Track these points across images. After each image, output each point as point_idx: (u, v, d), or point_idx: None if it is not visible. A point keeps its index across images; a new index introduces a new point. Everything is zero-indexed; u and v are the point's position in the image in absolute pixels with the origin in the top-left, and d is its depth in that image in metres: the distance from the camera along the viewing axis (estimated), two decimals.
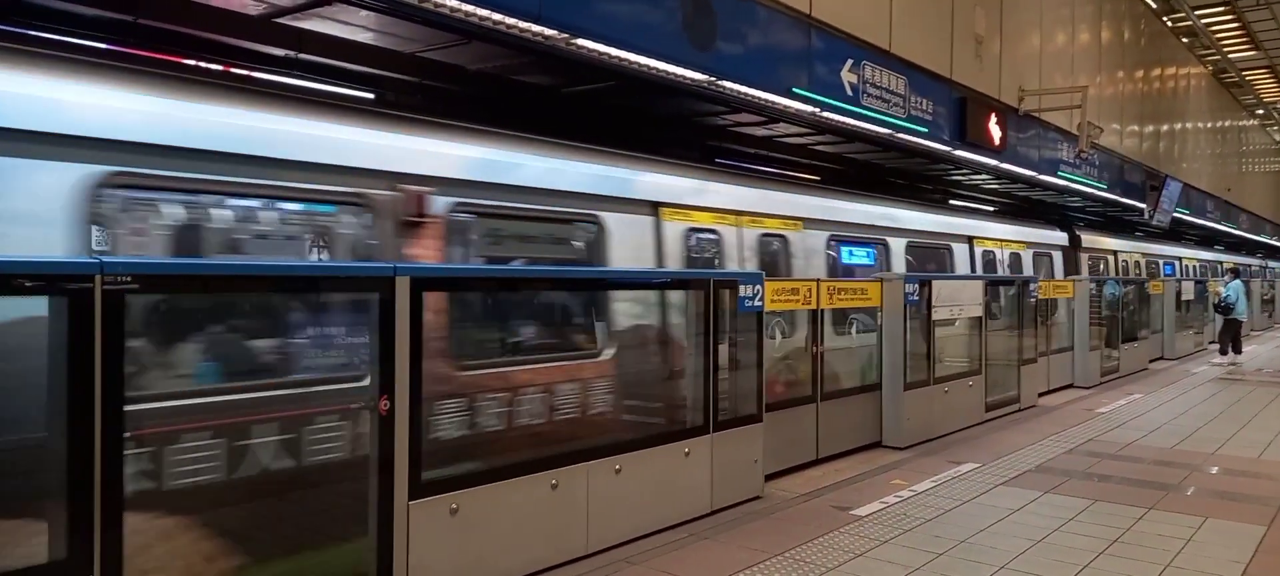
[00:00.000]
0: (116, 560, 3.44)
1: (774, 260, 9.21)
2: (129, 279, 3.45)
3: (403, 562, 4.46)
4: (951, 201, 15.95)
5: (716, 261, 8.53)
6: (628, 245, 7.34)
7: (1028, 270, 15.31)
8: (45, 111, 4.39)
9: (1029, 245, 15.70)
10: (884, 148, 11.02)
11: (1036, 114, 14.21)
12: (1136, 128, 20.67)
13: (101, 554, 3.39)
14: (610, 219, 7.21)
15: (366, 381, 4.54)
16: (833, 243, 10.25)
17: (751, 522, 6.23)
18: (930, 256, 12.70)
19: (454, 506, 4.73)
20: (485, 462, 5.18)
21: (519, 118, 7.39)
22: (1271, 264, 39.30)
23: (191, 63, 5.83)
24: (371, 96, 6.79)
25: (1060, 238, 17.57)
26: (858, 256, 10.94)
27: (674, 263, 7.85)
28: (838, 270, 10.29)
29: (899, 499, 6.84)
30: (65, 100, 4.46)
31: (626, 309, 7.14)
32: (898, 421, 8.91)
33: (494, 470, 5.08)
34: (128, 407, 3.47)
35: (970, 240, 13.47)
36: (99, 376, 3.36)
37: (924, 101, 10.68)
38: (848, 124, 9.49)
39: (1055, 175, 15.26)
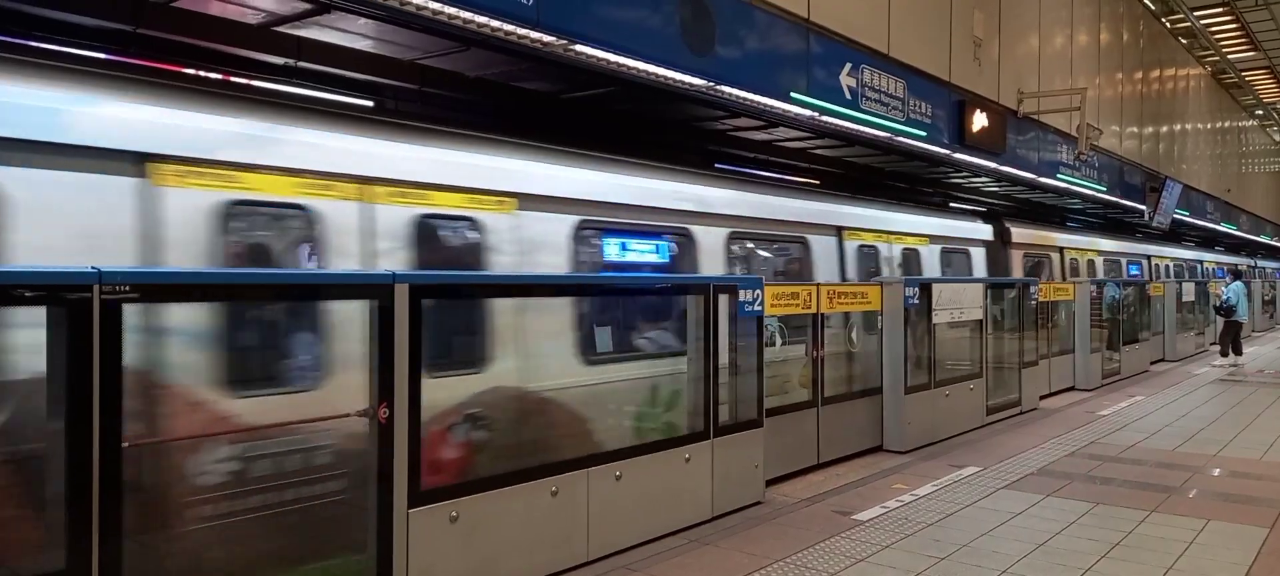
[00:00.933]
0: (115, 570, 3.43)
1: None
2: (127, 288, 3.45)
3: (403, 570, 4.45)
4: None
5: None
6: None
7: (932, 271, 12.26)
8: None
9: (934, 240, 12.54)
10: (883, 151, 11.02)
11: (1036, 116, 14.22)
12: (1136, 129, 20.67)
13: (99, 564, 3.39)
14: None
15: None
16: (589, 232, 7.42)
17: (753, 528, 6.22)
18: (773, 252, 9.92)
19: (454, 514, 4.72)
20: (485, 470, 5.18)
21: (519, 124, 7.40)
22: (1263, 264, 36.99)
23: (192, 72, 5.84)
24: (371, 104, 6.80)
25: (982, 231, 14.30)
26: (636, 251, 7.86)
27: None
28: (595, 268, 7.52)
29: (901, 503, 6.83)
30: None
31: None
32: (899, 425, 8.90)
33: (494, 477, 5.07)
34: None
35: (839, 232, 10.41)
36: (98, 384, 3.36)
37: (923, 104, 10.68)
38: (847, 128, 9.49)
39: (1055, 177, 15.26)
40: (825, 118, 9.00)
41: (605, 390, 6.59)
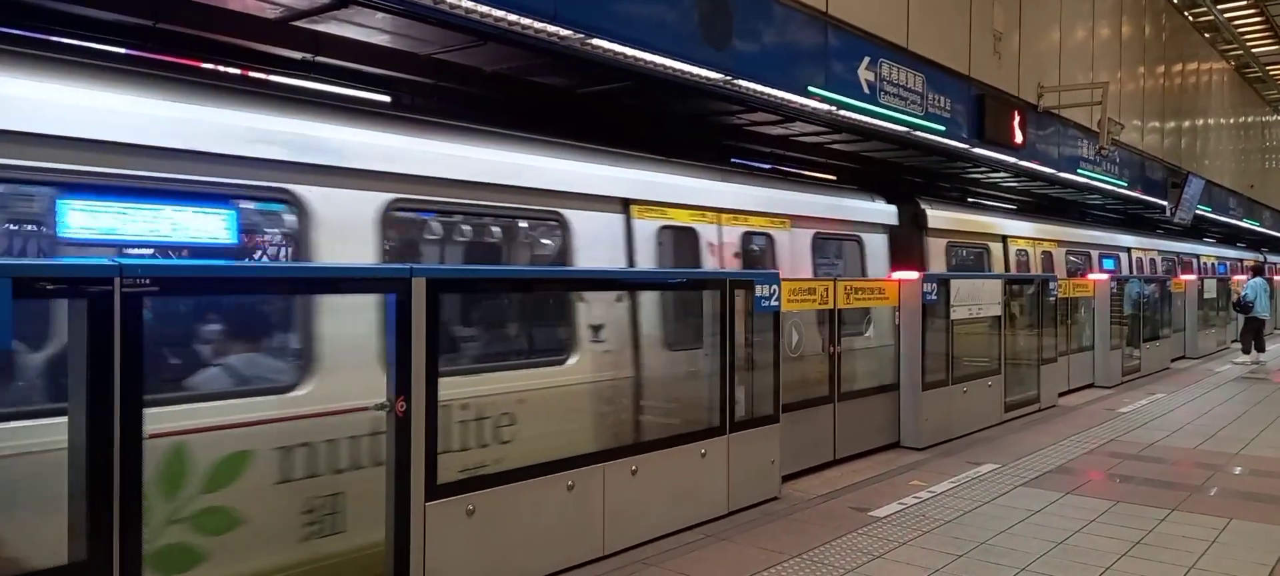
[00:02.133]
0: (136, 561, 3.46)
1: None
2: (147, 281, 3.48)
3: (419, 563, 4.47)
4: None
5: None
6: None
7: (790, 265, 8.90)
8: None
9: (796, 222, 9.07)
10: (901, 146, 10.94)
11: (1056, 111, 14.07)
12: (1158, 124, 20.43)
13: (120, 555, 3.41)
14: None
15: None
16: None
17: (769, 523, 6.20)
18: (501, 236, 7.01)
19: (471, 507, 4.73)
20: (502, 464, 5.19)
21: (536, 119, 7.39)
22: (1273, 258, 32.14)
23: (210, 67, 5.87)
24: (387, 99, 6.81)
25: (883, 214, 10.60)
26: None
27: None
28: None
29: (918, 500, 6.79)
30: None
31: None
32: (916, 421, 8.86)
33: (510, 471, 5.08)
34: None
35: (626, 207, 7.18)
36: (119, 376, 3.39)
37: (942, 99, 10.60)
38: (865, 122, 9.43)
39: (1075, 172, 15.11)
40: (843, 112, 8.95)
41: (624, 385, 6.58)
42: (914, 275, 9.08)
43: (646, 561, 5.42)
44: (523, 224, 7.03)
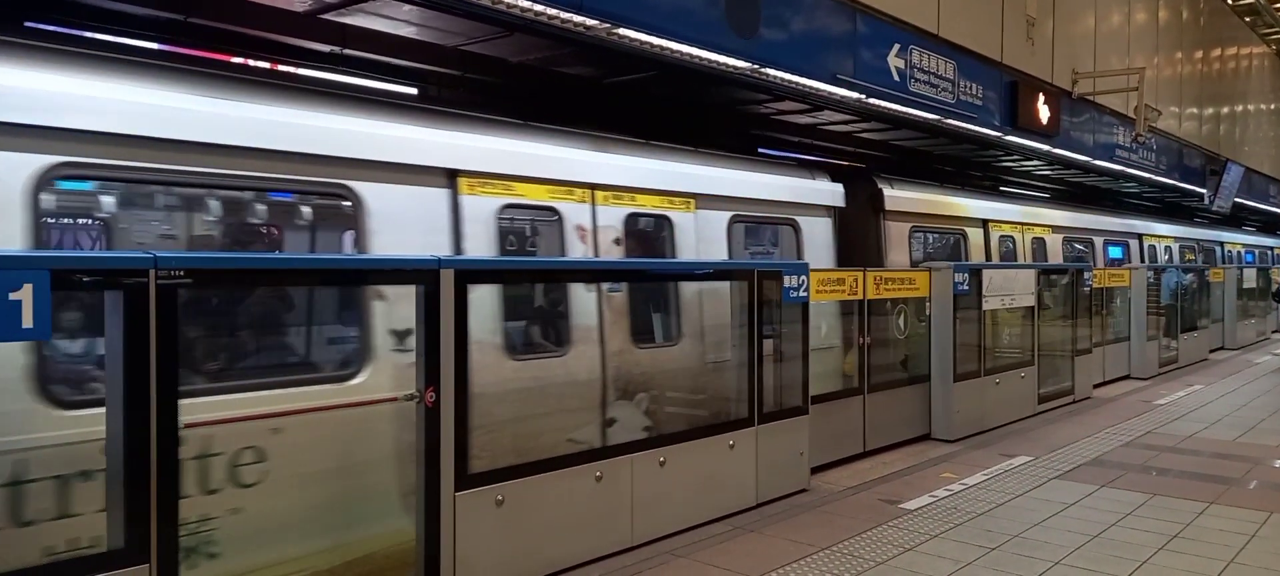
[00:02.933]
0: (172, 549, 3.51)
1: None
2: (182, 273, 3.52)
3: (449, 552, 4.50)
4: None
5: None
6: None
7: (695, 256, 7.37)
8: None
9: (703, 202, 7.50)
10: (932, 134, 10.80)
11: (1091, 97, 13.82)
12: (1196, 110, 19.98)
13: (158, 543, 3.47)
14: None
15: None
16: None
17: (798, 516, 6.17)
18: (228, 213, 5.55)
19: (499, 497, 4.75)
20: (530, 454, 5.20)
21: (562, 110, 7.38)
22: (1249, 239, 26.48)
23: (239, 61, 5.92)
24: (415, 91, 6.84)
25: (825, 194, 8.99)
26: None
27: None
28: None
29: (949, 492, 6.72)
30: None
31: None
32: (947, 413, 8.77)
33: (539, 462, 5.09)
34: None
35: (453, 179, 5.78)
36: (154, 367, 3.43)
37: (973, 86, 10.44)
38: (895, 110, 9.32)
39: (1111, 160, 14.84)
40: (872, 100, 8.85)
41: (650, 375, 6.57)
42: (946, 265, 8.96)
43: (675, 552, 5.41)
44: (281, 199, 5.70)
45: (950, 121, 10.19)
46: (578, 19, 5.89)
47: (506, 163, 6.07)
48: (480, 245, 5.82)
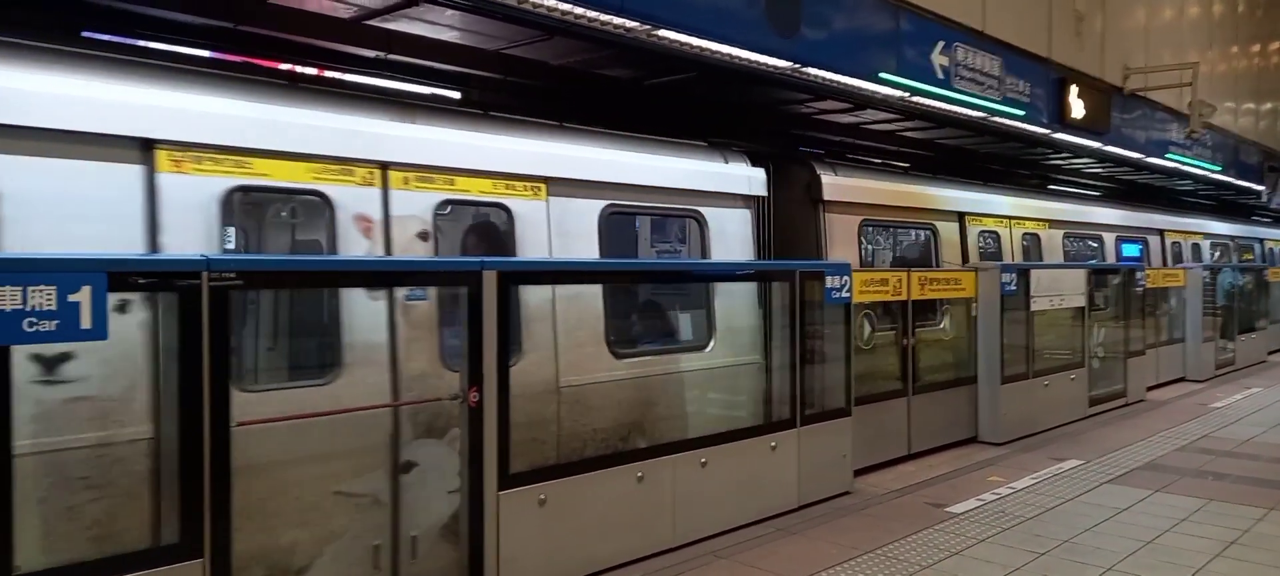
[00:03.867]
0: (225, 544, 3.59)
1: None
2: (233, 275, 3.60)
3: (493, 551, 4.53)
4: None
5: None
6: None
7: (548, 245, 6.04)
8: None
9: (557, 188, 6.12)
10: (977, 132, 10.63)
11: (1143, 93, 13.48)
12: (1253, 105, 19.38)
13: (211, 538, 3.55)
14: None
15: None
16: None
17: (841, 518, 6.11)
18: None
19: (542, 497, 4.78)
20: (572, 455, 5.23)
21: (602, 111, 7.40)
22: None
23: (286, 67, 6.04)
24: (458, 95, 6.91)
25: (740, 180, 7.46)
26: None
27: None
28: None
29: (996, 496, 6.61)
30: None
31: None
32: (994, 416, 8.64)
33: (580, 462, 5.12)
34: None
35: (149, 151, 4.41)
36: (207, 366, 3.52)
37: (1020, 83, 10.25)
38: (938, 108, 9.19)
39: (1164, 157, 14.46)
40: (916, 98, 8.74)
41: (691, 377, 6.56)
42: (993, 265, 8.82)
43: (717, 553, 5.39)
44: None
45: (996, 119, 10.02)
46: (618, 21, 5.91)
47: (246, 133, 4.69)
48: (192, 240, 4.41)
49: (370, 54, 6.21)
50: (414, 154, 5.34)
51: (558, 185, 6.08)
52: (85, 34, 5.07)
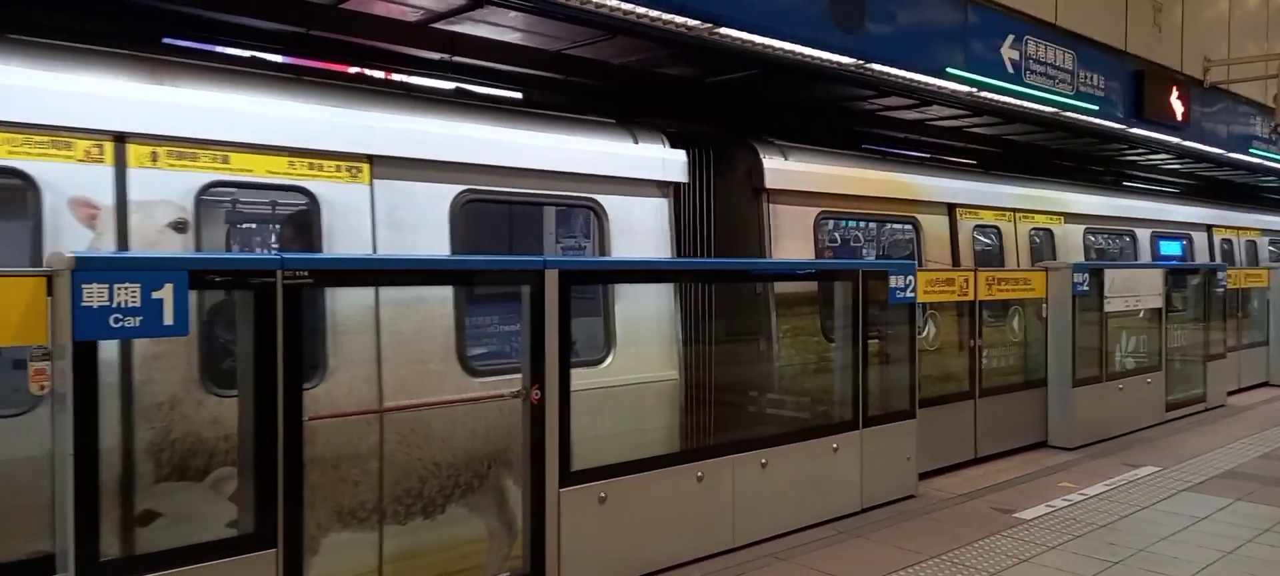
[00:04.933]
0: (297, 534, 3.70)
1: None
2: (305, 274, 3.71)
3: (555, 548, 4.58)
4: None
5: None
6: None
7: (372, 239, 4.89)
8: None
9: (392, 169, 4.99)
10: (1048, 128, 10.34)
11: (1224, 86, 12.94)
12: None
13: (284, 528, 3.66)
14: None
15: None
16: None
17: (906, 522, 6.02)
18: None
19: (603, 494, 4.81)
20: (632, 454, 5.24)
21: (661, 110, 7.41)
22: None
23: (355, 71, 6.19)
24: (520, 96, 6.99)
25: (652, 164, 6.34)
26: None
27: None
28: None
29: (1068, 502, 6.43)
30: None
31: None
32: (1066, 420, 8.42)
33: (640, 461, 5.13)
34: None
35: None
36: (281, 361, 3.63)
37: (1095, 77, 9.93)
38: (1008, 104, 8.96)
39: (1247, 153, 13.86)
40: (985, 94, 8.53)
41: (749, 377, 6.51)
42: (1064, 264, 8.57)
43: (778, 555, 5.35)
44: None
45: (1069, 114, 9.73)
46: (679, 20, 5.90)
47: None
48: None
49: (434, 56, 6.32)
50: (166, 123, 4.24)
51: (387, 166, 4.93)
52: (166, 41, 5.27)
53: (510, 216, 7.16)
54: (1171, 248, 13.09)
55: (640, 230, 6.16)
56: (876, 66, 7.32)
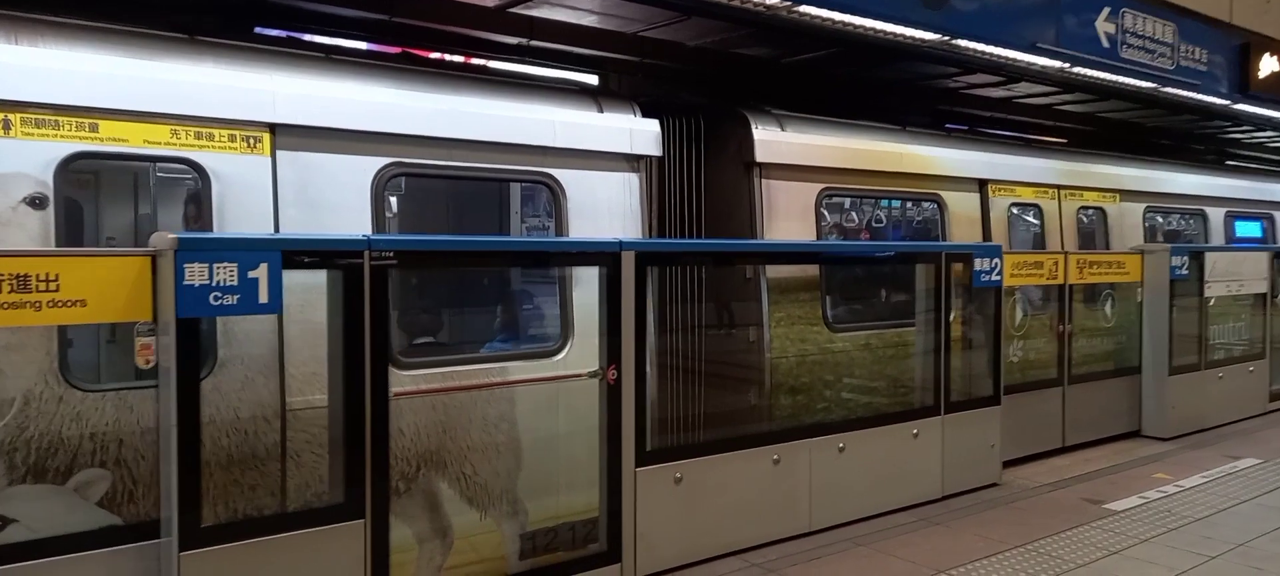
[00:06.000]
0: (383, 507, 3.83)
1: None
2: (391, 255, 3.81)
3: (631, 527, 4.62)
4: None
5: None
6: None
7: (273, 218, 4.27)
8: None
9: (285, 138, 4.34)
10: (1145, 104, 9.87)
11: None
12: None
13: (372, 501, 3.79)
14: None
15: None
16: None
17: (988, 510, 5.88)
18: None
19: (678, 475, 4.83)
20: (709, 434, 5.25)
21: (738, 91, 7.34)
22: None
23: (436, 56, 6.31)
24: (595, 81, 7.02)
25: (618, 134, 5.58)
26: None
27: None
28: None
29: (1162, 494, 6.18)
30: None
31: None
32: (1160, 409, 8.08)
33: (716, 442, 5.13)
34: None
35: None
36: (368, 339, 3.75)
37: (1197, 50, 9.42)
38: (1103, 80, 8.58)
39: None
40: (1077, 70, 8.18)
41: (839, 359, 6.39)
42: (1160, 247, 8.20)
43: (855, 540, 5.30)
44: None
45: (1168, 90, 9.26)
46: None
47: None
48: None
49: (513, 40, 6.40)
50: (22, 87, 3.80)
51: (293, 135, 4.36)
52: (258, 30, 5.46)
53: (458, 194, 6.45)
54: (1249, 228, 11.65)
55: (605, 209, 5.47)
56: (963, 43, 7.10)
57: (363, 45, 5.79)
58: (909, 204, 8.22)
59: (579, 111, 5.48)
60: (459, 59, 6.46)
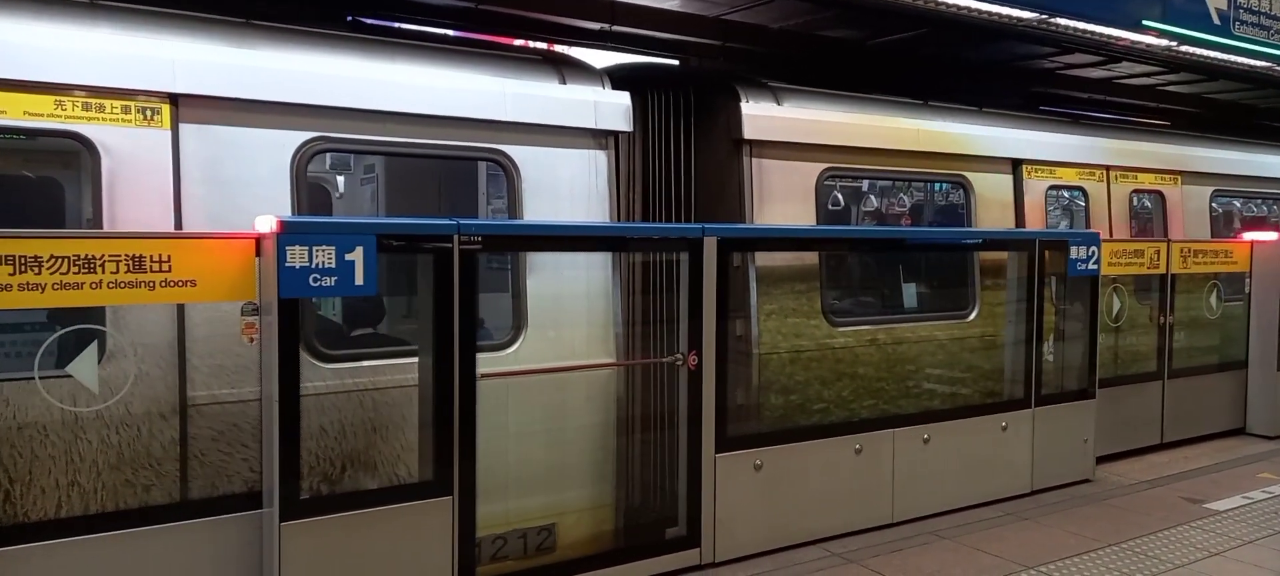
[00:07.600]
0: (470, 484, 3.94)
1: None
2: (478, 239, 3.90)
3: (710, 511, 4.64)
4: None
5: None
6: None
7: (166, 200, 3.85)
8: None
9: (186, 110, 3.91)
10: (1259, 84, 9.31)
11: None
12: None
13: (459, 478, 3.90)
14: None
15: None
16: None
17: (1080, 507, 5.69)
18: None
19: (758, 462, 4.82)
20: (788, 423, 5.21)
21: (821, 73, 7.21)
22: None
23: (520, 43, 6.38)
24: (676, 64, 7.00)
25: (582, 109, 5.01)
26: None
27: None
28: None
29: (1267, 495, 5.89)
30: None
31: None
32: (1268, 406, 7.70)
33: (796, 430, 5.10)
34: None
35: None
36: (457, 320, 3.85)
37: None
38: (1212, 59, 8.13)
39: None
40: (1184, 48, 7.77)
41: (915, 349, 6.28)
42: (1271, 236, 7.75)
43: (939, 533, 5.20)
44: None
45: None
46: None
47: None
48: None
49: (595, 26, 6.42)
50: None
51: (199, 107, 3.94)
52: (350, 18, 5.62)
53: (399, 171, 6.01)
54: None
55: (565, 190, 4.96)
56: (1061, 21, 6.82)
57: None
58: (930, 188, 7.41)
59: (535, 82, 4.95)
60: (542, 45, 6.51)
